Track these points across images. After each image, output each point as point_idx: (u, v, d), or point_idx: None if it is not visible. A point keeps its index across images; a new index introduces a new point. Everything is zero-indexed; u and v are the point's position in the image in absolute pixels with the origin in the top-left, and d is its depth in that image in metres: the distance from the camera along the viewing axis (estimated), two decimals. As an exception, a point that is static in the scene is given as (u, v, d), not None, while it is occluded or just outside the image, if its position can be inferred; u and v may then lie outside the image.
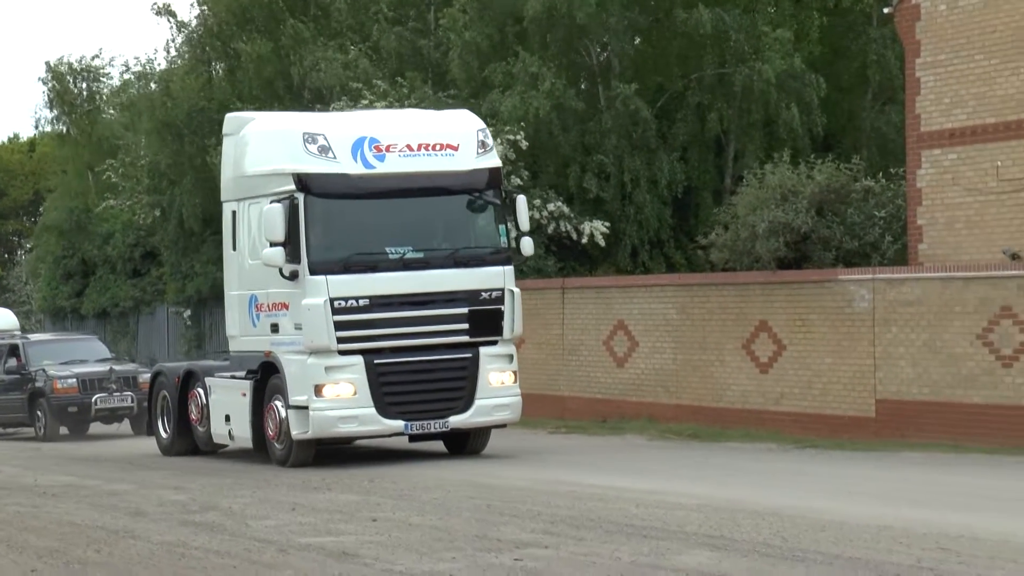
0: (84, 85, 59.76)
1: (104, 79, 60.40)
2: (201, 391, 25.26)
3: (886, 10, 30.83)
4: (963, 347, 23.31)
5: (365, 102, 37.05)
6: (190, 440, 25.84)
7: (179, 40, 48.53)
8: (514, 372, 22.98)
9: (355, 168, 22.36)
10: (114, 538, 16.04)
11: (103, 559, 14.65)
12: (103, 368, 33.37)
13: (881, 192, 30.08)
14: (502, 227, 23.05)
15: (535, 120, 35.62)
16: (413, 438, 23.55)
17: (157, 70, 53.52)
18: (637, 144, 36.69)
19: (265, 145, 23.58)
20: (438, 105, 37.30)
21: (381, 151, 22.46)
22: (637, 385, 28.90)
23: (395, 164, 22.53)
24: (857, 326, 24.93)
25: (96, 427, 33.73)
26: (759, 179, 30.95)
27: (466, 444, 23.66)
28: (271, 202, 22.23)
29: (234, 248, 24.36)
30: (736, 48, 37.70)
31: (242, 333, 24.19)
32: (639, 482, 19.65)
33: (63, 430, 32.96)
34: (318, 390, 21.94)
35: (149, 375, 31.20)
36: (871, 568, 12.72)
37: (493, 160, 23.33)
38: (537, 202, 33.81)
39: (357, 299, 21.98)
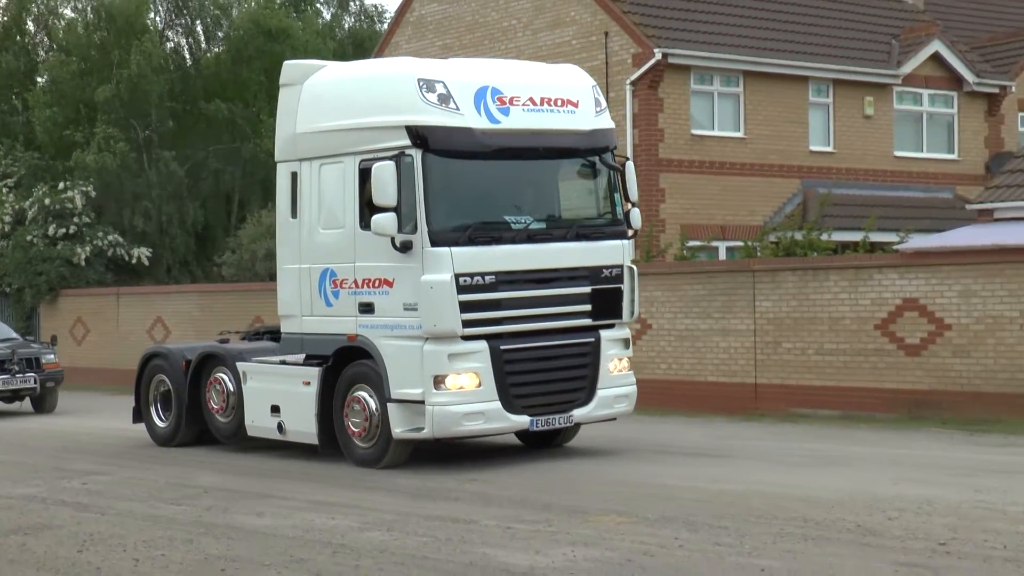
0: None
1: None
2: (226, 377, 15.80)
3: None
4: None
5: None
6: (198, 430, 16.42)
7: None
8: (630, 358, 14.59)
9: (479, 122, 13.47)
10: None
11: None
12: (5, 349, 23.43)
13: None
14: (618, 196, 14.53)
15: (105, 173, 34.63)
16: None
17: None
18: (172, 195, 36.11)
19: (358, 94, 14.25)
20: (29, 164, 35.97)
21: (505, 104, 13.74)
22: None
23: (520, 119, 13.81)
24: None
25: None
26: (258, 220, 31.12)
27: (555, 436, 14.96)
28: (363, 161, 13.67)
29: (293, 216, 14.83)
30: (242, 130, 37.81)
31: (307, 313, 14.62)
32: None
33: None
34: (438, 381, 13.13)
35: (49, 356, 23.63)
36: (411, 491, 12.95)
37: (609, 120, 14.68)
38: (100, 234, 32.82)
39: (483, 275, 13.28)
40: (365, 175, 13.47)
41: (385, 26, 40.11)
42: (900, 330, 17.14)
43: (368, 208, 13.47)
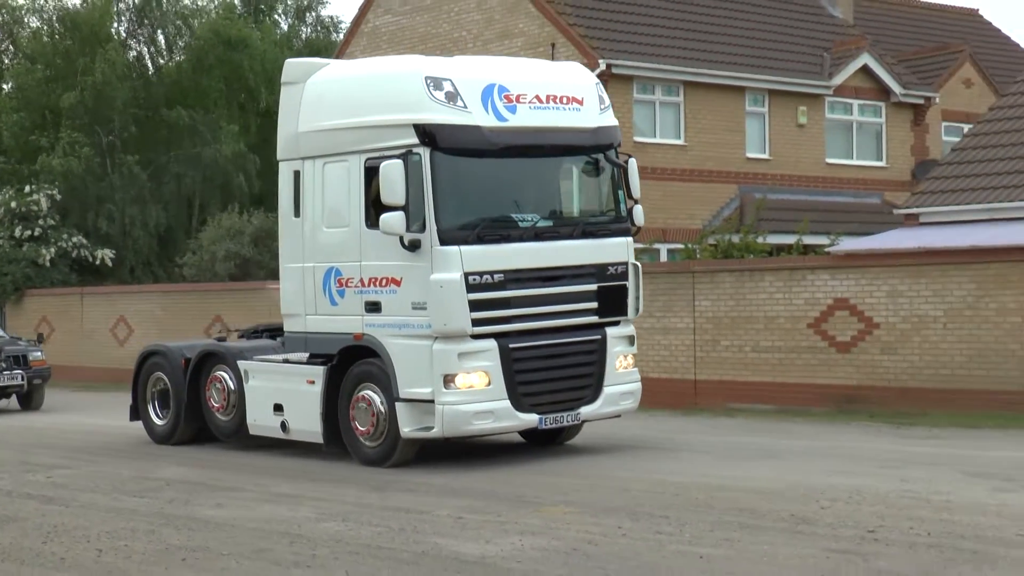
0: None
1: None
2: (226, 375, 14.98)
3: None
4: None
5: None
6: (196, 428, 15.58)
7: None
8: (634, 355, 13.92)
9: (487, 120, 12.75)
10: None
11: None
12: None
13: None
14: (621, 193, 13.80)
15: (70, 176, 34.30)
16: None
17: None
18: (135, 198, 35.88)
19: (362, 92, 13.49)
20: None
21: (512, 101, 12.99)
22: (131, 359, 28.06)
23: (527, 117, 13.07)
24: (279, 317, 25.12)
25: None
26: (218, 222, 30.89)
27: (558, 434, 14.21)
28: (369, 159, 12.94)
29: (296, 214, 14.08)
30: (202, 136, 37.57)
31: (311, 312, 13.87)
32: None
33: None
34: (448, 380, 12.46)
35: (37, 354, 22.48)
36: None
37: (612, 118, 13.89)
38: (65, 236, 32.49)
39: (492, 274, 12.59)
40: (371, 174, 12.83)
41: (341, 36, 39.98)
42: (831, 328, 17.30)
43: (374, 207, 12.80)
